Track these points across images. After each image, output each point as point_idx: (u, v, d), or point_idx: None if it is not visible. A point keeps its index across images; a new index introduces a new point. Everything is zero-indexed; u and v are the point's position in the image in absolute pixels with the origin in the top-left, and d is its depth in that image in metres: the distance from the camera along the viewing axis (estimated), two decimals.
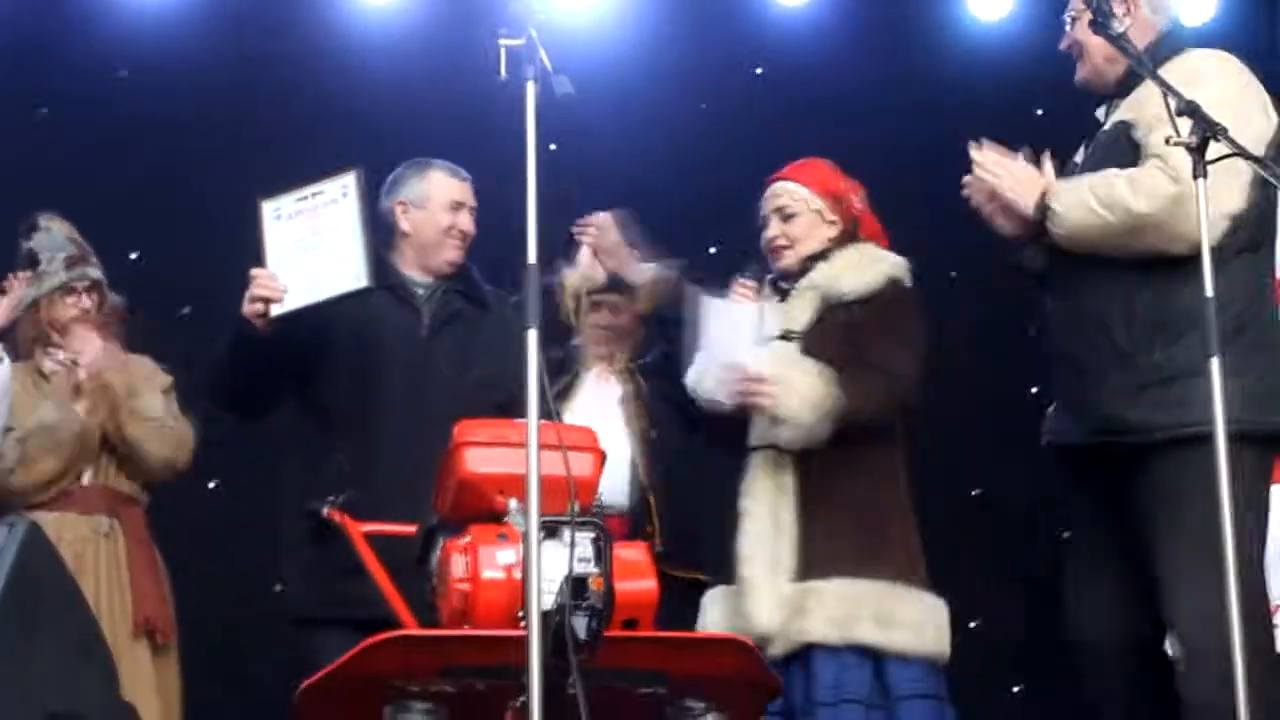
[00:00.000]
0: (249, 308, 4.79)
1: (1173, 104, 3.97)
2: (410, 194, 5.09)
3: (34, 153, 6.72)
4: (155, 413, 5.38)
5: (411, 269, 5.09)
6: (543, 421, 3.52)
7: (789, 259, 4.88)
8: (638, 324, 5.40)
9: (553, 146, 6.49)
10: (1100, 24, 4.26)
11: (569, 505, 3.61)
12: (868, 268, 4.82)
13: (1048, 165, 4.50)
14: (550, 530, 3.62)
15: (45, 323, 5.39)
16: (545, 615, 3.48)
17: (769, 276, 4.98)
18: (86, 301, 5.41)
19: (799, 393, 4.63)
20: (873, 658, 4.62)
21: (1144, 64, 4.23)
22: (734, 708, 3.86)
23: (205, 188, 6.88)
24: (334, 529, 4.44)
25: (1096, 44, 4.51)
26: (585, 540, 3.67)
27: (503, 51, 3.54)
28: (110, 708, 3.21)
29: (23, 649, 3.03)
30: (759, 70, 7.31)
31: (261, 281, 4.80)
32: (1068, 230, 4.35)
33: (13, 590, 3.00)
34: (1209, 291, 3.94)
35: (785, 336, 4.78)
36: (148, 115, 6.83)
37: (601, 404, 5.37)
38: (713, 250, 5.60)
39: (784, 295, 4.89)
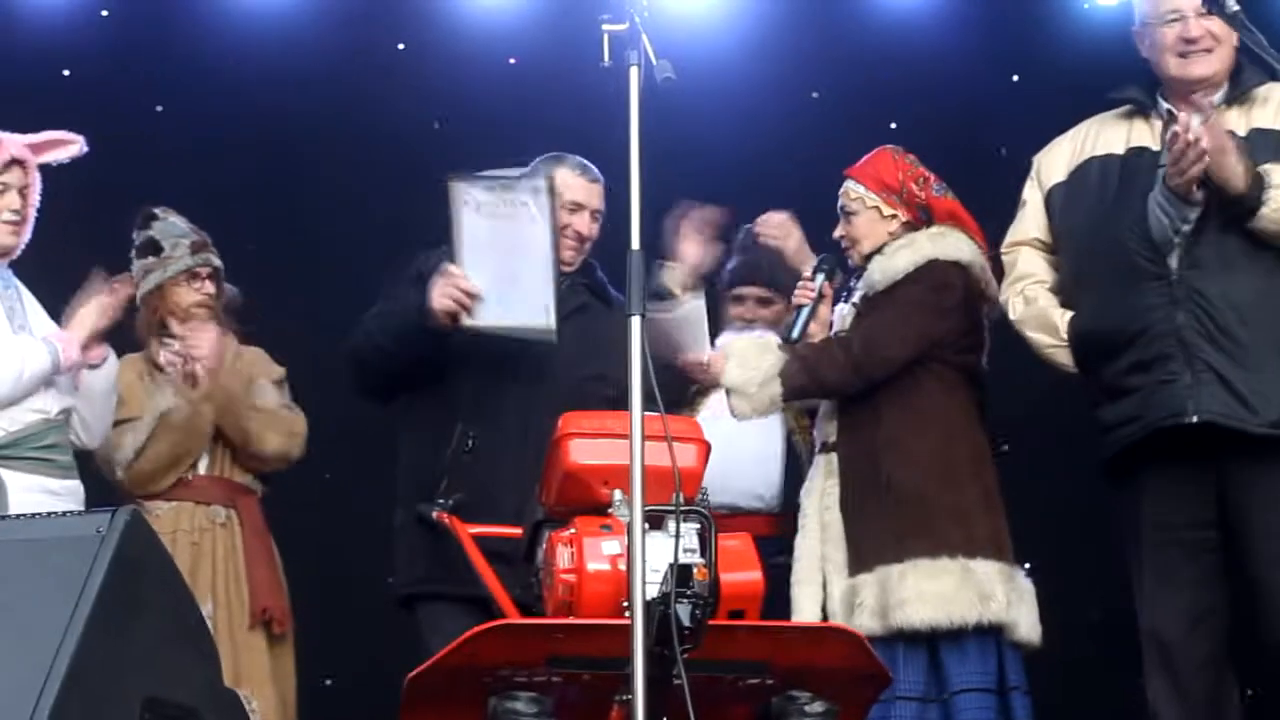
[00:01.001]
0: (440, 303, 4.70)
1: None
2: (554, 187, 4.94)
3: (151, 145, 6.78)
4: (269, 404, 5.42)
5: None
6: (647, 413, 3.50)
7: (855, 257, 4.93)
8: (782, 317, 5.31)
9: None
10: (1216, 4, 4.18)
11: (674, 495, 3.59)
12: (900, 253, 4.80)
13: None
14: (655, 521, 3.60)
15: (168, 308, 5.40)
16: (649, 604, 3.46)
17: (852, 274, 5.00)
18: (210, 287, 5.44)
19: (745, 362, 4.72)
20: (927, 646, 4.59)
21: (1270, 51, 4.18)
22: (842, 698, 3.83)
23: (316, 184, 6.95)
24: (443, 531, 4.50)
25: (1226, 34, 4.38)
26: (690, 531, 3.65)
27: (605, 38, 3.53)
28: (212, 696, 3.22)
29: (123, 634, 3.05)
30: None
31: (459, 284, 4.69)
32: None
33: (114, 576, 3.02)
34: None
35: (835, 340, 4.83)
36: (258, 112, 6.87)
37: None
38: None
39: (848, 297, 4.95)
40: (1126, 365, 4.43)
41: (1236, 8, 4.29)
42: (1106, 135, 4.59)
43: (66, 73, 7.02)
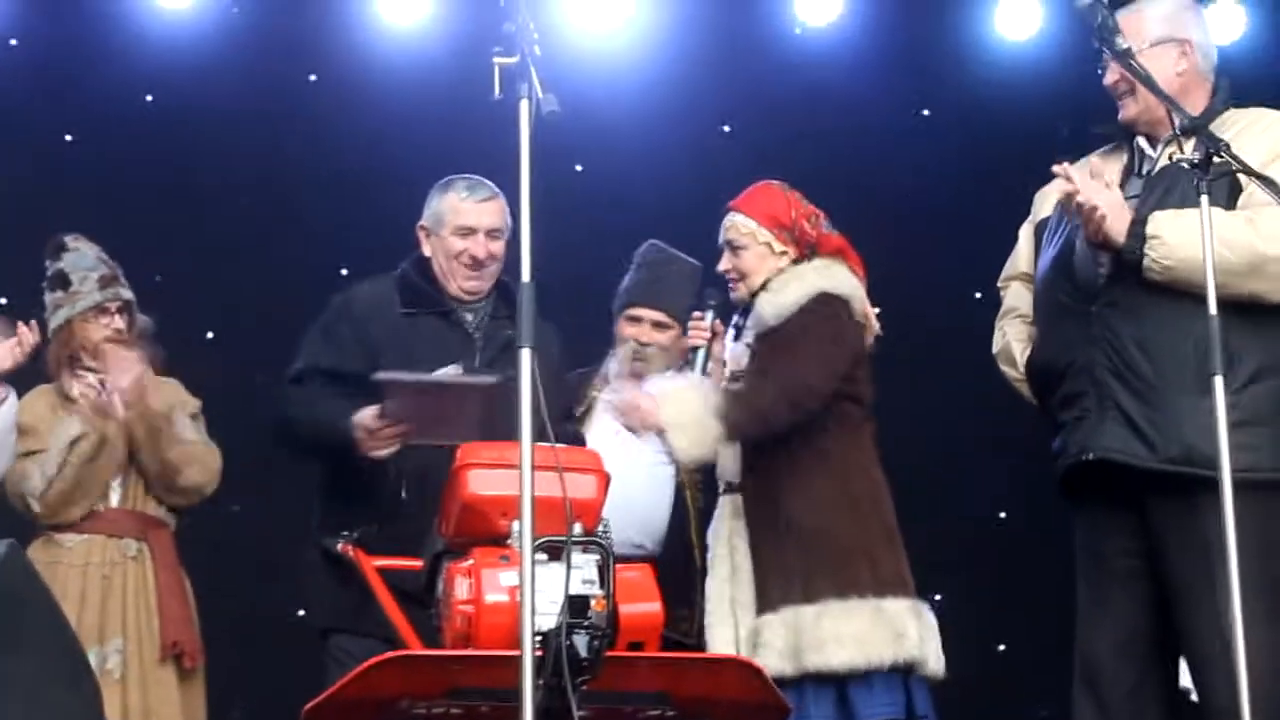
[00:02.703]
0: (368, 449, 4.65)
1: (1178, 122, 3.93)
2: (428, 217, 4.99)
3: (59, 177, 6.75)
4: (189, 437, 5.38)
5: (455, 287, 4.96)
6: (543, 445, 3.49)
7: (740, 291, 4.87)
8: (675, 344, 5.27)
9: (579, 168, 6.59)
10: (1105, 40, 4.22)
11: (568, 527, 3.60)
12: (788, 287, 4.76)
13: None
14: (554, 552, 3.62)
15: (77, 343, 5.34)
16: (546, 635, 3.49)
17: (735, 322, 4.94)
18: (119, 321, 5.36)
19: (681, 404, 4.63)
20: (835, 684, 4.57)
21: (1153, 84, 4.23)
22: None
23: (228, 211, 6.94)
24: (346, 563, 4.43)
25: (1159, 85, 4.43)
26: (589, 562, 3.66)
27: (497, 70, 3.54)
28: None
29: (2, 670, 3.01)
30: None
31: (384, 435, 4.63)
32: (1177, 260, 4.28)
33: None
34: (1212, 310, 3.96)
35: (734, 379, 4.79)
36: (171, 139, 6.85)
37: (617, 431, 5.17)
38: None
39: (738, 333, 4.89)
40: (1059, 400, 4.51)
41: (1124, 45, 4.32)
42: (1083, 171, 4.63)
43: None
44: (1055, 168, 4.43)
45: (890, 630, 4.58)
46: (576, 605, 3.57)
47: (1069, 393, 4.46)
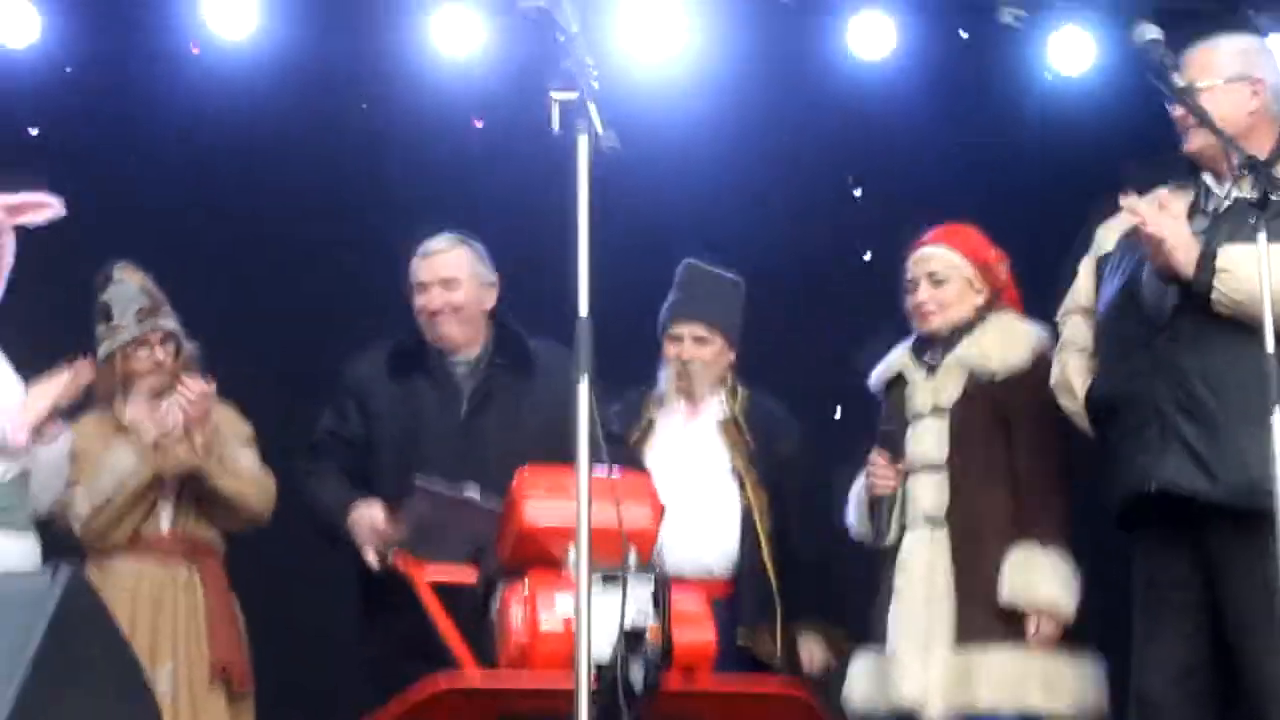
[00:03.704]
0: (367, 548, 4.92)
1: (1236, 160, 3.93)
2: (409, 277, 5.26)
3: (113, 205, 6.80)
4: (248, 467, 5.40)
5: (434, 342, 5.20)
6: (600, 475, 3.55)
7: (936, 323, 4.97)
8: (721, 355, 5.33)
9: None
10: (1162, 78, 4.23)
11: (624, 556, 3.67)
12: (1015, 343, 4.91)
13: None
14: (608, 581, 3.68)
15: (120, 376, 5.37)
16: (600, 667, 3.54)
17: (909, 347, 5.06)
18: (160, 354, 5.37)
19: (1066, 591, 4.79)
20: None
21: (1210, 123, 4.23)
22: None
23: (282, 238, 6.98)
24: (399, 575, 4.59)
25: (1226, 120, 4.44)
26: (643, 591, 3.72)
27: (555, 106, 3.56)
28: None
29: (62, 694, 3.05)
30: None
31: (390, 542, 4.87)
32: (1245, 294, 4.29)
33: (54, 635, 3.02)
34: (1270, 348, 3.96)
35: (935, 412, 4.90)
36: (225, 167, 6.90)
37: (689, 446, 5.28)
38: None
39: (930, 370, 4.97)
40: (1119, 431, 4.52)
41: (1181, 83, 4.33)
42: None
43: (34, 131, 7.02)
44: (1122, 199, 4.43)
45: (1098, 687, 4.79)
46: (631, 637, 3.63)
47: (1131, 424, 4.47)
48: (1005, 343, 4.91)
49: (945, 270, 4.98)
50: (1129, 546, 4.64)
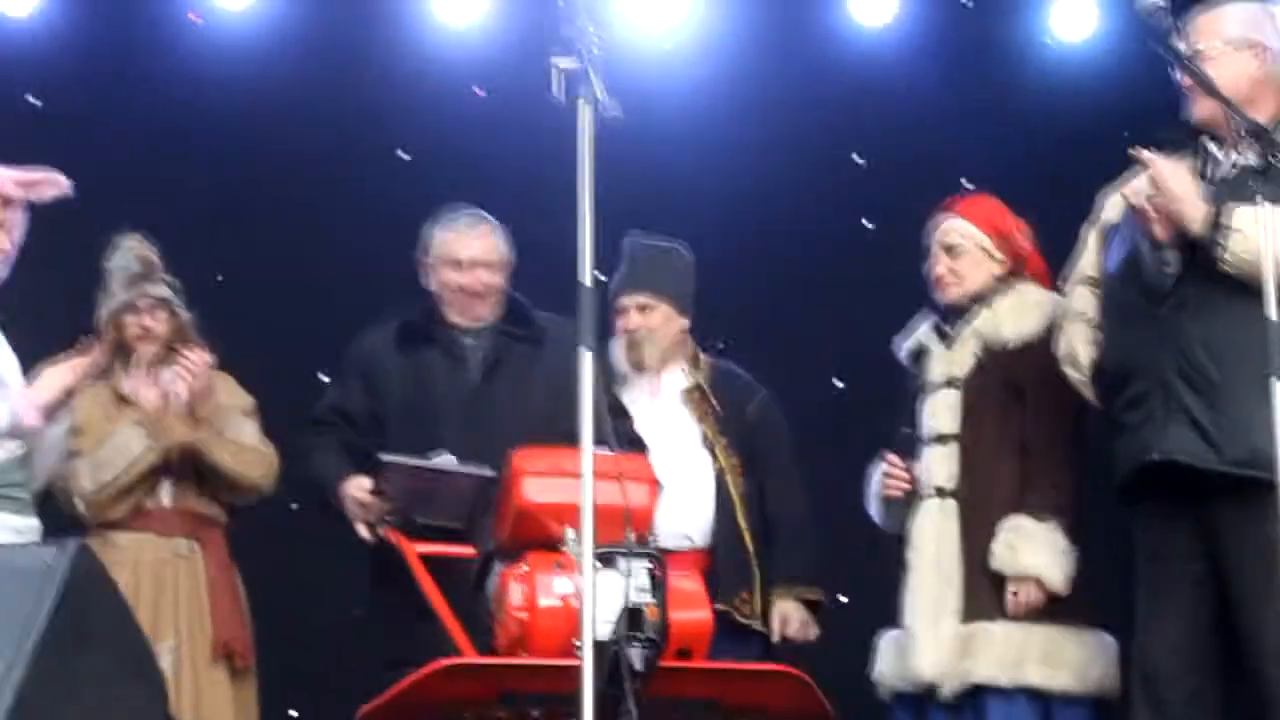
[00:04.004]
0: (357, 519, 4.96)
1: (1236, 125, 3.90)
2: (424, 249, 5.24)
3: (119, 177, 6.79)
4: (249, 440, 5.39)
5: (456, 317, 5.19)
6: (599, 451, 3.57)
7: (954, 294, 4.99)
8: (668, 321, 5.30)
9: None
10: (1166, 45, 4.21)
11: (625, 535, 3.70)
12: (1028, 312, 4.91)
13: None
14: (606, 560, 3.70)
15: (115, 345, 5.33)
16: (601, 646, 3.55)
17: (932, 320, 5.07)
18: (149, 320, 5.33)
19: (1056, 564, 4.78)
20: (1041, 699, 4.74)
21: (1213, 88, 4.20)
22: None
23: (283, 209, 6.97)
24: (390, 548, 4.63)
25: (1230, 87, 4.41)
26: (641, 570, 3.75)
27: (557, 73, 3.55)
28: None
29: (70, 668, 3.05)
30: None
31: (374, 511, 4.92)
32: (1254, 255, 4.25)
33: (61, 609, 3.02)
34: (1272, 314, 3.94)
35: (949, 383, 4.91)
36: (225, 138, 6.89)
37: (656, 419, 5.25)
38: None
39: (946, 339, 4.99)
40: (1124, 402, 4.51)
41: (1184, 49, 4.31)
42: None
43: (34, 100, 7.01)
44: (1132, 151, 4.39)
45: (1103, 664, 4.79)
46: (631, 616, 3.68)
47: (1135, 394, 4.45)
48: (1018, 312, 4.92)
49: (961, 241, 5.00)
50: (1130, 520, 4.61)
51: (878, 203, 7.12)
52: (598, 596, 3.52)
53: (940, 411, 4.95)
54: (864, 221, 7.23)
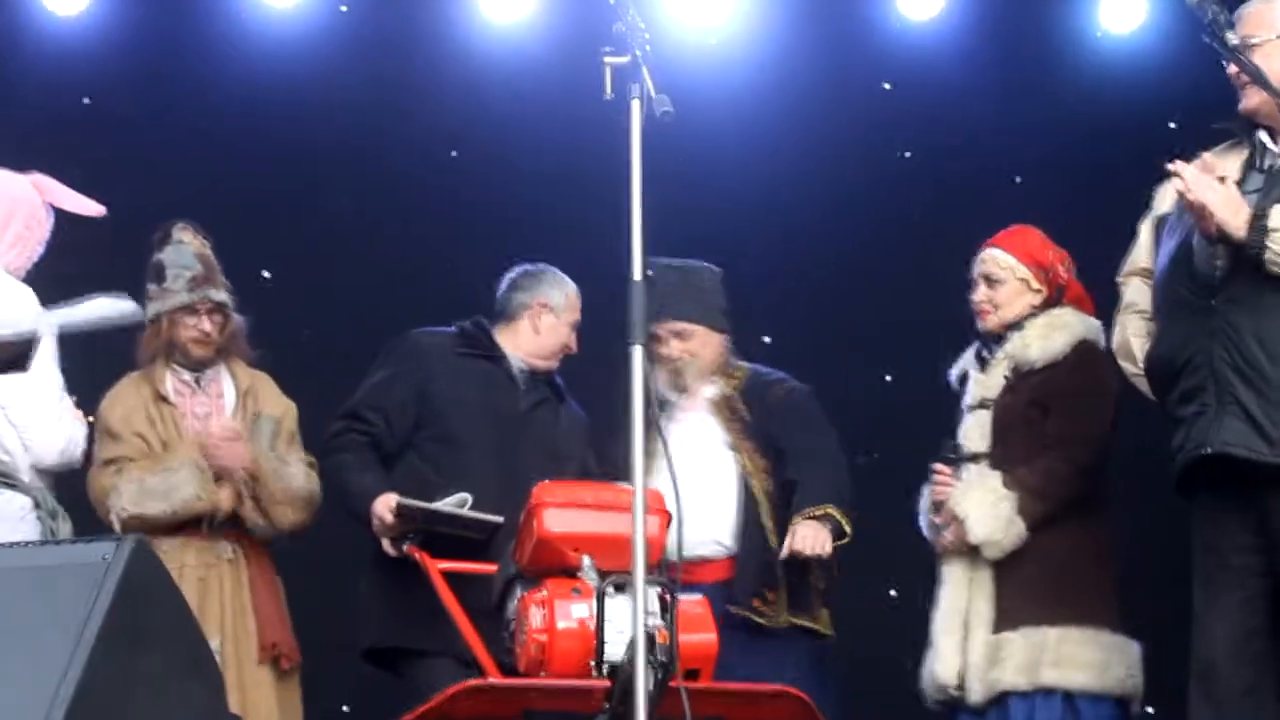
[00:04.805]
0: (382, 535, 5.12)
1: None
2: (552, 299, 5.42)
3: (167, 174, 6.83)
4: (296, 486, 5.37)
5: (516, 352, 5.39)
6: (611, 485, 4.06)
7: (992, 322, 5.18)
8: (705, 346, 5.38)
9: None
10: (1215, 35, 4.19)
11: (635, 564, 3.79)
12: (1056, 333, 5.08)
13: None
14: (619, 586, 4.04)
15: (165, 342, 5.35)
16: (615, 668, 3.91)
17: (975, 346, 5.23)
18: (207, 324, 5.34)
19: (986, 519, 4.95)
20: (1065, 698, 4.90)
21: (1264, 79, 4.19)
22: None
23: (334, 208, 7.00)
24: (413, 565, 4.87)
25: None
26: (653, 595, 3.97)
27: (607, 70, 3.56)
28: None
29: (128, 662, 3.07)
30: (887, 85, 7.26)
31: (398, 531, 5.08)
32: None
33: (119, 604, 3.04)
34: None
35: (982, 404, 5.10)
36: (278, 137, 6.91)
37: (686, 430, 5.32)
38: None
39: (984, 365, 5.18)
40: (1177, 395, 4.52)
41: (1234, 41, 4.28)
42: (1205, 167, 4.61)
43: (86, 100, 7.05)
44: (1168, 165, 4.41)
45: (1124, 665, 4.93)
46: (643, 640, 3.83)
47: (1188, 388, 4.45)
48: (1046, 333, 5.09)
49: (1001, 272, 5.18)
50: (1189, 514, 4.62)
51: (925, 196, 7.11)
52: (612, 620, 3.95)
53: (973, 431, 5.13)
54: (911, 215, 7.21)
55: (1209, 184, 4.37)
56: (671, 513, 4.12)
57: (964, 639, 4.98)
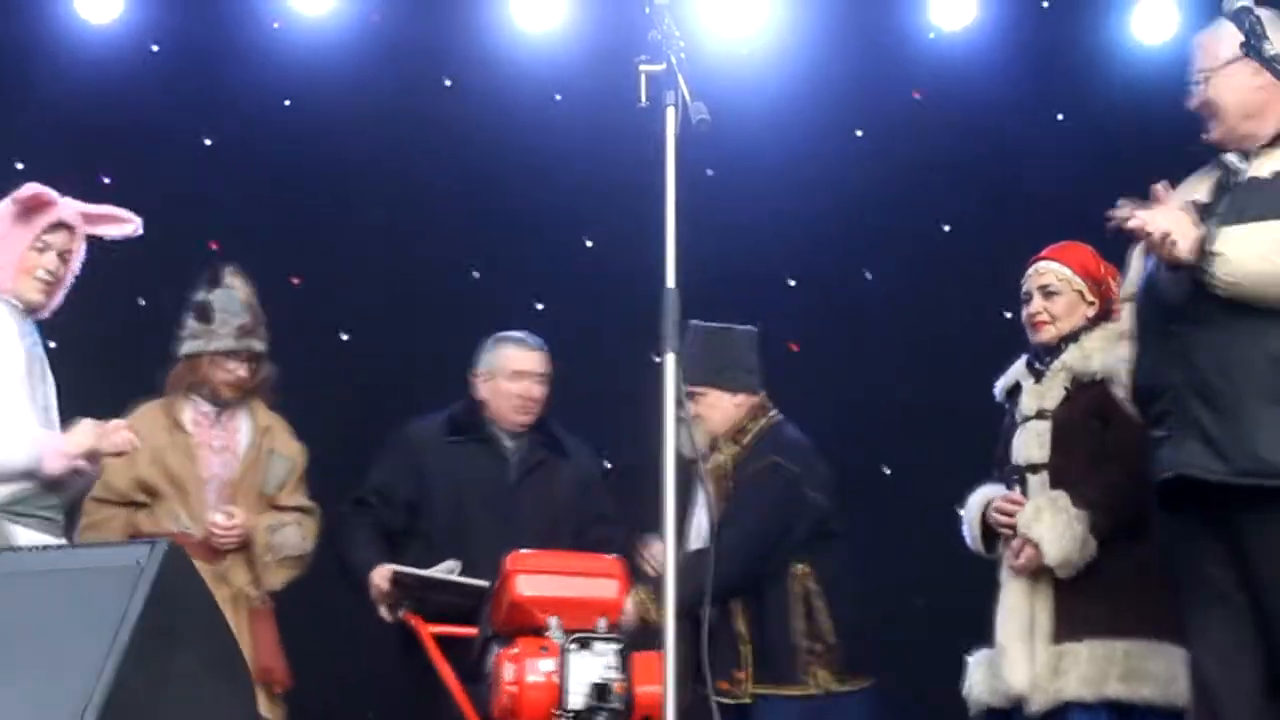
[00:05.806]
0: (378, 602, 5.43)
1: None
2: (486, 365, 5.70)
3: (198, 180, 6.86)
4: (293, 550, 5.50)
5: (501, 423, 5.68)
6: (577, 554, 4.79)
7: (1048, 334, 5.19)
8: (718, 404, 5.44)
9: (709, 172, 6.59)
10: (1253, 46, 4.17)
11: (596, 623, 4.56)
12: (1115, 344, 4.99)
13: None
14: (583, 643, 4.56)
15: (200, 376, 5.44)
16: (576, 715, 4.45)
17: (1025, 359, 5.24)
18: (243, 371, 5.45)
19: (1061, 540, 4.95)
20: (1124, 712, 4.90)
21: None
22: None
23: (364, 214, 7.02)
24: (409, 630, 5.29)
25: (1233, 103, 4.43)
26: (610, 652, 4.56)
27: (643, 78, 3.56)
28: None
29: (161, 664, 3.08)
30: (917, 95, 7.26)
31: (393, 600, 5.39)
32: (1241, 275, 4.27)
33: (152, 606, 3.06)
34: None
35: (1039, 415, 5.10)
36: (308, 143, 6.94)
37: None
38: None
39: (1039, 376, 5.18)
40: (1151, 419, 4.54)
41: (1273, 50, 4.27)
42: (1184, 192, 4.64)
43: (120, 107, 7.07)
44: (1113, 211, 4.43)
45: (1184, 677, 4.79)
46: (600, 690, 4.48)
47: (1158, 412, 4.48)
48: (1106, 343, 5.06)
49: (1057, 284, 5.20)
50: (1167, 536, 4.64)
51: (956, 205, 7.11)
52: (574, 674, 4.48)
53: (1031, 441, 5.12)
54: (942, 225, 7.21)
55: (1160, 212, 4.38)
56: (630, 579, 4.72)
57: (1031, 652, 4.97)
